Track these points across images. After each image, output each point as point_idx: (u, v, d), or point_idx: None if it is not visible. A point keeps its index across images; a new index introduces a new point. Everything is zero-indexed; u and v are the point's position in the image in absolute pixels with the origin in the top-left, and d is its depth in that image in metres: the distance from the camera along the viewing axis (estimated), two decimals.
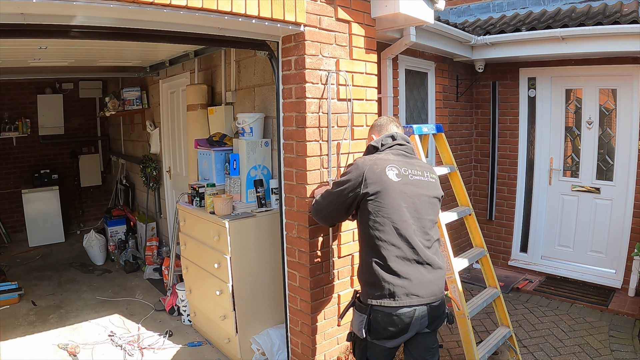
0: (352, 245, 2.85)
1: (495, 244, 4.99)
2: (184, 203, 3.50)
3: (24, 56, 3.66)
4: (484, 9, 5.20)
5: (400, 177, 1.96)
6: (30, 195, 5.95)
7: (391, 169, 1.96)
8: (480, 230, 3.15)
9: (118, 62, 4.63)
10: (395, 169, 1.97)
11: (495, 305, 3.10)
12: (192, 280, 3.48)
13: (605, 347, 3.26)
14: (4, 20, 1.87)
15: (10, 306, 4.06)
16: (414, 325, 1.92)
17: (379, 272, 1.90)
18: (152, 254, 4.88)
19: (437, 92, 4.44)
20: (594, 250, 4.44)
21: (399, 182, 1.95)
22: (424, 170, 2.08)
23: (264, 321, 3.14)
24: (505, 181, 4.91)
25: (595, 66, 4.19)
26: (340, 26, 2.67)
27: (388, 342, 1.96)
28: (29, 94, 6.21)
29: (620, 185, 4.22)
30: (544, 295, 4.23)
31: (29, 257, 5.60)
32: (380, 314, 1.90)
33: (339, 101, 2.66)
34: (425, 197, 2.02)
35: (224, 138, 3.41)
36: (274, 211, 3.09)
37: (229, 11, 2.14)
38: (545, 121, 4.64)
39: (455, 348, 3.32)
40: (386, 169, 1.95)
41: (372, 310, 1.92)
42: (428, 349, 2.03)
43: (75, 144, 6.81)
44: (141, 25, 2.17)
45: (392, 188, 1.93)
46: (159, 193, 5.23)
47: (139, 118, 5.55)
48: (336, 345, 2.85)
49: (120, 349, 3.33)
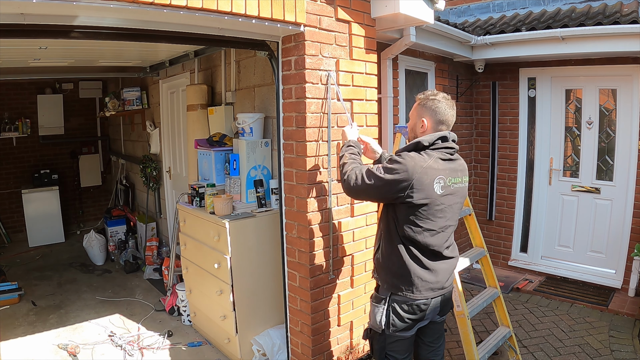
0: (352, 245, 2.85)
1: (495, 244, 4.99)
2: (184, 203, 3.51)
3: (24, 56, 3.66)
4: (484, 9, 5.20)
5: (444, 189, 1.93)
6: (30, 195, 5.95)
7: (439, 181, 1.91)
8: (480, 231, 3.15)
9: (118, 62, 4.63)
10: (442, 180, 1.92)
11: (495, 306, 3.10)
12: (192, 281, 3.48)
13: (605, 347, 3.26)
14: (4, 20, 1.87)
15: (10, 306, 4.05)
16: (429, 314, 2.02)
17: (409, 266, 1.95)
18: (152, 254, 4.88)
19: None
20: (593, 250, 4.44)
21: (442, 193, 1.93)
22: (463, 175, 2.05)
23: (264, 321, 3.14)
24: (505, 181, 4.91)
25: (595, 66, 4.19)
26: (340, 26, 2.67)
27: (406, 332, 2.03)
28: (29, 94, 6.21)
29: (620, 185, 4.22)
30: (544, 295, 4.22)
31: (29, 257, 5.60)
32: (400, 302, 1.97)
33: (339, 101, 2.66)
34: (458, 205, 2.04)
35: (224, 138, 3.41)
36: (274, 211, 3.09)
37: (229, 11, 2.14)
38: (545, 121, 4.64)
39: (455, 348, 3.32)
40: (434, 181, 1.89)
41: (391, 299, 1.99)
42: (438, 335, 2.20)
43: (75, 144, 6.80)
44: (141, 26, 2.17)
45: (435, 201, 1.92)
46: (159, 193, 5.23)
47: (139, 118, 5.54)
48: (336, 345, 2.85)
49: (120, 349, 3.33)
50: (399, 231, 1.97)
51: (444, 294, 2.05)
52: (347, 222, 2.79)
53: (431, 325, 2.14)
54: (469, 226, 3.18)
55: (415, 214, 1.91)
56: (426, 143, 1.95)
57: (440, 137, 1.97)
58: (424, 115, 2.02)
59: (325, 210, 2.68)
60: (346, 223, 2.79)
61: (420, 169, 1.87)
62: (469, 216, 3.12)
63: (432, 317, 2.07)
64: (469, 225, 3.17)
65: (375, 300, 2.07)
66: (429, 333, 2.16)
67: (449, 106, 2.00)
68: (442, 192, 1.92)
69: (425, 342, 2.17)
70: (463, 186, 2.05)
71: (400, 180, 1.87)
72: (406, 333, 2.03)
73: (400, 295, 1.97)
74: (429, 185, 1.88)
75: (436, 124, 2.00)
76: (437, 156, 1.94)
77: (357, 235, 2.87)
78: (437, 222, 1.94)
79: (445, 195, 1.94)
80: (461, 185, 2.03)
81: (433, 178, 1.89)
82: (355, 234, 2.86)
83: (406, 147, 2.02)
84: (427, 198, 1.89)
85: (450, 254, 2.05)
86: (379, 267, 2.09)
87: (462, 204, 2.10)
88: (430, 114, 2.00)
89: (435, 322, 2.13)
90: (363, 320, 3.00)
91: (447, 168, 1.95)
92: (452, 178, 1.96)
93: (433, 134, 1.98)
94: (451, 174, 1.97)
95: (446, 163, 1.96)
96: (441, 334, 2.22)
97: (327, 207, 2.68)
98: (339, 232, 2.76)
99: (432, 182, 1.89)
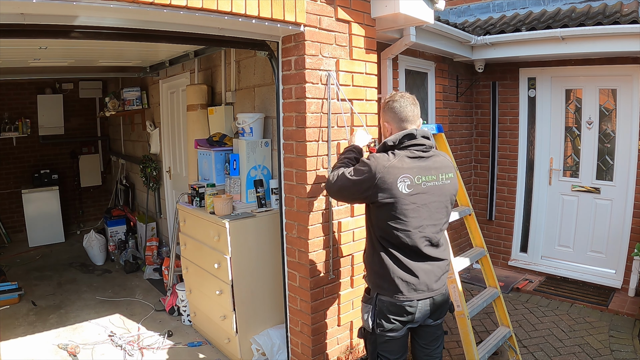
0: (352, 245, 2.85)
1: (495, 244, 4.99)
2: (184, 203, 3.51)
3: (24, 56, 3.66)
4: (484, 9, 5.20)
5: (411, 188, 1.89)
6: (30, 195, 5.95)
7: (403, 179, 1.88)
8: (480, 230, 3.15)
9: (118, 62, 4.63)
10: (408, 179, 1.89)
11: (495, 306, 3.10)
12: (192, 280, 3.48)
13: (605, 347, 3.26)
14: (4, 20, 1.87)
15: (10, 306, 4.06)
16: (418, 317, 2.00)
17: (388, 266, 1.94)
18: (152, 254, 4.88)
19: (437, 92, 4.44)
20: (593, 250, 4.44)
21: (410, 192, 1.89)
22: (439, 173, 1.98)
23: (264, 321, 3.14)
24: (505, 181, 4.91)
25: (595, 66, 4.19)
26: (340, 26, 2.67)
27: (396, 332, 2.01)
28: (29, 94, 6.21)
29: (620, 185, 4.22)
30: (544, 295, 4.23)
31: (29, 257, 5.60)
32: (386, 303, 1.96)
33: (339, 101, 2.65)
34: (436, 203, 1.97)
35: (224, 138, 3.41)
36: (274, 211, 3.09)
37: (229, 11, 2.14)
38: (545, 121, 4.64)
39: (455, 348, 3.32)
40: (398, 180, 1.88)
41: (378, 300, 1.98)
42: (433, 338, 2.13)
43: (75, 144, 6.80)
44: (141, 26, 2.17)
45: (402, 200, 1.89)
46: (159, 193, 5.23)
47: (139, 118, 5.54)
48: (336, 345, 2.85)
49: (120, 349, 3.33)
50: (375, 232, 1.98)
51: (433, 297, 1.99)
52: (347, 222, 2.79)
53: (424, 328, 2.09)
54: (469, 226, 3.18)
55: (385, 214, 1.91)
56: (391, 143, 1.98)
57: (406, 135, 1.96)
58: (386, 119, 2.08)
59: (325, 210, 2.68)
60: (346, 223, 2.79)
61: (383, 169, 1.88)
62: (469, 216, 3.12)
63: (423, 321, 2.03)
64: (469, 225, 3.17)
65: (364, 300, 2.08)
66: (422, 335, 2.12)
67: (408, 103, 2.03)
68: (409, 191, 1.89)
69: (420, 344, 2.14)
70: (441, 184, 1.97)
71: (364, 181, 1.91)
72: (395, 334, 2.00)
73: (385, 296, 1.97)
74: (392, 184, 1.87)
75: (399, 123, 2.03)
76: (404, 154, 1.93)
77: (357, 235, 2.87)
78: (409, 221, 1.90)
79: (414, 194, 1.90)
80: (437, 184, 1.96)
81: (396, 177, 1.88)
82: (355, 234, 2.86)
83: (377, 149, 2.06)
84: (391, 197, 1.88)
85: (436, 254, 1.99)
86: (365, 267, 2.13)
87: (447, 202, 2.02)
88: (390, 115, 2.05)
89: (428, 325, 2.08)
90: None
91: (415, 167, 1.92)
92: (422, 176, 1.92)
93: (397, 133, 1.99)
94: (421, 172, 1.93)
95: (415, 161, 1.93)
96: (436, 337, 2.15)
97: (327, 207, 2.68)
98: (339, 232, 2.76)
99: (395, 181, 1.88)
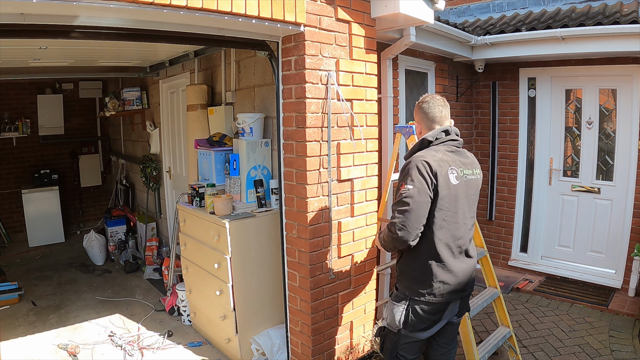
0: (352, 245, 2.85)
1: (495, 244, 4.99)
2: (184, 203, 3.51)
3: (24, 56, 3.66)
4: (484, 9, 5.20)
5: (459, 180, 1.97)
6: (30, 195, 5.95)
7: (452, 171, 1.96)
8: (480, 230, 3.14)
9: (118, 62, 4.63)
10: (455, 171, 1.97)
11: (495, 305, 3.10)
12: (192, 281, 3.48)
13: (605, 347, 3.26)
14: (4, 21, 1.87)
15: (10, 306, 4.05)
16: (446, 315, 2.04)
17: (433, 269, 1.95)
18: (152, 254, 4.88)
19: (437, 92, 4.44)
20: (593, 250, 4.44)
21: (458, 184, 1.96)
22: (474, 168, 2.09)
23: (264, 321, 3.14)
24: (505, 181, 4.91)
25: (595, 66, 4.19)
26: (340, 26, 2.67)
27: (423, 333, 2.02)
28: (29, 94, 6.21)
29: (620, 185, 4.22)
30: (544, 295, 4.22)
31: (29, 257, 5.60)
32: (421, 304, 1.97)
33: (339, 101, 2.65)
34: (473, 197, 2.07)
35: (224, 138, 3.41)
36: (274, 211, 3.09)
37: (229, 11, 2.14)
38: (545, 121, 4.64)
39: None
40: (449, 171, 1.94)
41: (412, 300, 1.99)
42: (452, 337, 2.19)
43: (75, 144, 6.80)
44: (141, 26, 2.17)
45: (454, 192, 1.95)
46: (159, 193, 5.23)
47: (139, 118, 5.54)
48: (336, 345, 2.85)
49: (120, 349, 3.32)
50: None
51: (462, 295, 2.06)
52: (347, 222, 2.79)
53: (447, 327, 2.13)
54: None
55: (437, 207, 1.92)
56: (431, 138, 2.04)
57: (443, 131, 2.04)
58: (417, 119, 2.18)
59: (325, 210, 2.68)
60: (346, 223, 2.79)
61: (434, 161, 1.92)
62: None
63: (450, 318, 2.08)
64: None
65: (395, 299, 2.07)
66: (444, 334, 2.15)
67: (437, 104, 2.10)
68: (457, 182, 1.96)
69: (440, 343, 2.17)
70: (475, 178, 2.07)
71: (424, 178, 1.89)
72: (423, 334, 2.03)
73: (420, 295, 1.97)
74: (446, 176, 1.93)
75: (428, 123, 2.11)
76: (445, 149, 2.00)
77: (357, 235, 2.87)
78: (457, 213, 1.97)
79: (461, 186, 1.97)
80: (473, 177, 2.06)
81: (446, 169, 1.94)
82: (355, 234, 2.86)
83: (412, 149, 2.10)
84: (447, 188, 1.93)
85: (471, 252, 2.07)
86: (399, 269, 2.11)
87: (477, 196, 2.11)
88: (421, 115, 2.14)
89: (452, 322, 2.13)
90: (363, 320, 3.01)
91: (457, 160, 2.00)
92: (463, 169, 2.01)
93: (436, 129, 2.06)
94: (462, 165, 2.02)
95: (454, 155, 2.01)
96: (455, 336, 2.22)
97: (327, 207, 2.68)
98: (339, 232, 2.76)
99: (447, 172, 1.93)
